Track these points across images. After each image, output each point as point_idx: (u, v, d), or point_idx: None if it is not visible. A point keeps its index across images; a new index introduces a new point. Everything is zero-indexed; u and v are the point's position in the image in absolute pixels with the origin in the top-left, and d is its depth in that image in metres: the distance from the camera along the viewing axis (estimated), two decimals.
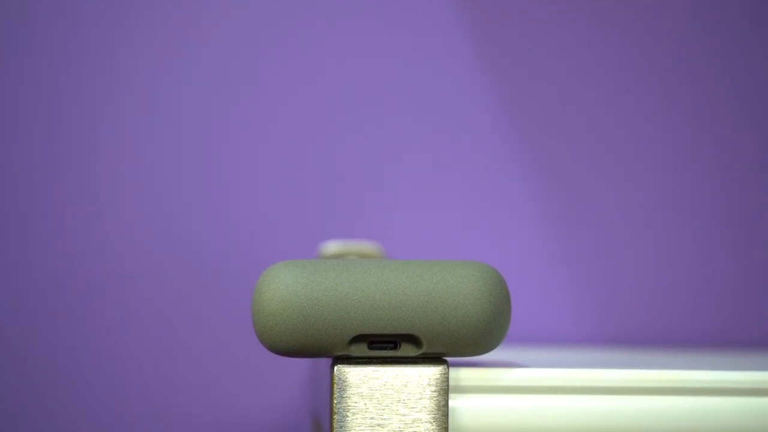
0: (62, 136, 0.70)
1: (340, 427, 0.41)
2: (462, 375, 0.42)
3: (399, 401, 0.41)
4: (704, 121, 0.72)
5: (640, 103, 0.72)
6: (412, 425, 0.41)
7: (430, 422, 0.41)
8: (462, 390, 0.42)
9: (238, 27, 0.71)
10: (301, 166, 0.71)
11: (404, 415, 0.41)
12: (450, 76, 0.72)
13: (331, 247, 0.60)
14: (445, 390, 0.41)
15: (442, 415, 0.41)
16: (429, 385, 0.41)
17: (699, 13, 0.72)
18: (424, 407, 0.41)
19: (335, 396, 0.41)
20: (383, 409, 0.41)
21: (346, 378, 0.41)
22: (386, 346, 0.42)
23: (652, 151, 0.72)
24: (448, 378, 0.41)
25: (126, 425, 0.70)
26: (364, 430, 0.41)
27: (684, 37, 0.72)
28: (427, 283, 0.41)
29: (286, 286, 0.41)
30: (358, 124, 0.71)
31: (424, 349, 0.41)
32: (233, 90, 0.71)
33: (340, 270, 0.41)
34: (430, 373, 0.41)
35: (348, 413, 0.41)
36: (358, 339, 0.41)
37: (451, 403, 0.42)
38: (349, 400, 0.41)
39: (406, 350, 0.42)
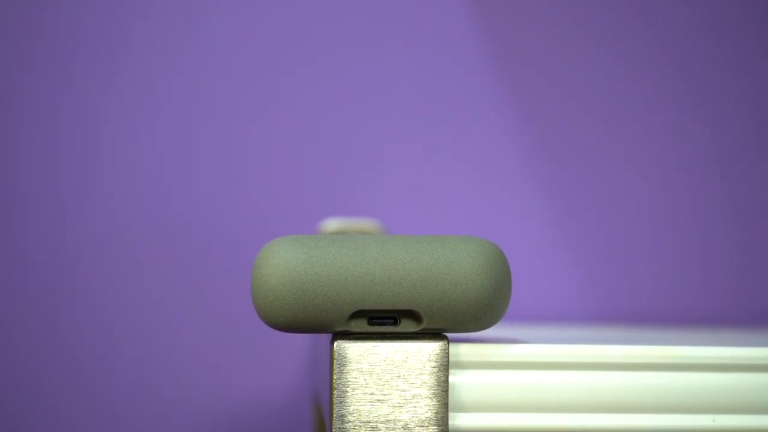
0: (64, 114, 0.70)
1: (340, 403, 0.41)
2: (462, 351, 0.42)
3: (399, 377, 0.41)
4: (706, 99, 0.72)
5: (640, 78, 0.72)
6: (412, 401, 0.41)
7: (430, 398, 0.41)
8: (462, 366, 0.42)
9: (242, 7, 0.71)
10: (302, 144, 0.71)
11: (404, 390, 0.41)
12: (449, 55, 0.72)
13: (332, 224, 0.59)
14: (445, 366, 0.41)
15: (442, 391, 0.41)
16: (429, 360, 0.41)
17: (702, 12, 0.72)
18: (424, 383, 0.41)
19: (335, 371, 0.41)
20: (383, 385, 0.41)
21: (346, 353, 0.41)
22: (386, 321, 0.41)
23: (655, 129, 0.72)
24: (448, 354, 0.41)
25: (123, 403, 0.70)
26: (363, 405, 0.41)
27: (688, 35, 0.72)
28: (428, 258, 0.41)
29: (286, 262, 0.41)
30: (359, 103, 0.71)
31: (424, 325, 0.41)
32: (235, 68, 0.71)
33: (340, 245, 0.41)
34: (430, 348, 0.41)
35: (348, 389, 0.41)
36: (357, 315, 0.41)
37: (451, 378, 0.42)
38: (348, 376, 0.41)
39: (406, 326, 0.41)
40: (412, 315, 0.41)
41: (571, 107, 0.72)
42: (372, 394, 0.41)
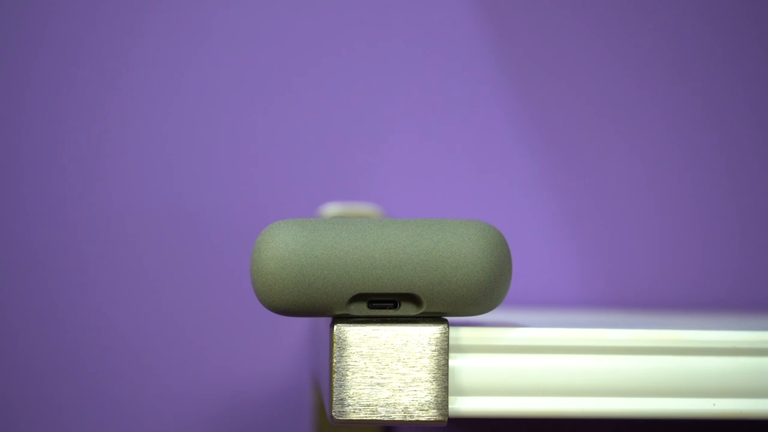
0: (63, 101, 0.70)
1: (340, 386, 0.41)
2: (462, 334, 0.42)
3: (399, 360, 0.41)
4: (706, 91, 0.72)
5: (641, 61, 0.72)
6: (412, 384, 0.41)
7: (430, 381, 0.41)
8: (462, 349, 0.42)
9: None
10: (302, 129, 0.71)
11: (404, 374, 0.41)
12: (450, 38, 0.71)
13: (332, 209, 0.59)
14: (445, 349, 0.41)
15: (442, 375, 0.41)
16: (429, 344, 0.41)
17: (705, 11, 0.72)
18: (424, 366, 0.41)
19: (335, 355, 0.41)
20: (383, 368, 0.41)
21: (346, 337, 0.41)
22: (386, 305, 0.41)
23: (656, 118, 0.72)
24: (448, 337, 0.41)
25: (122, 387, 0.70)
26: (363, 389, 0.41)
27: (689, 35, 0.72)
28: (428, 241, 0.41)
29: (286, 245, 0.40)
30: (359, 86, 0.71)
31: (424, 309, 0.41)
32: (236, 58, 0.71)
33: (340, 229, 0.41)
34: (431, 332, 0.41)
35: (348, 372, 0.41)
36: (357, 298, 0.41)
37: (451, 362, 0.42)
38: (348, 359, 0.41)
39: (406, 309, 0.41)
40: (412, 299, 0.41)
41: (572, 95, 0.72)
42: (372, 377, 0.41)
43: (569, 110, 0.72)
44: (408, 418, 0.41)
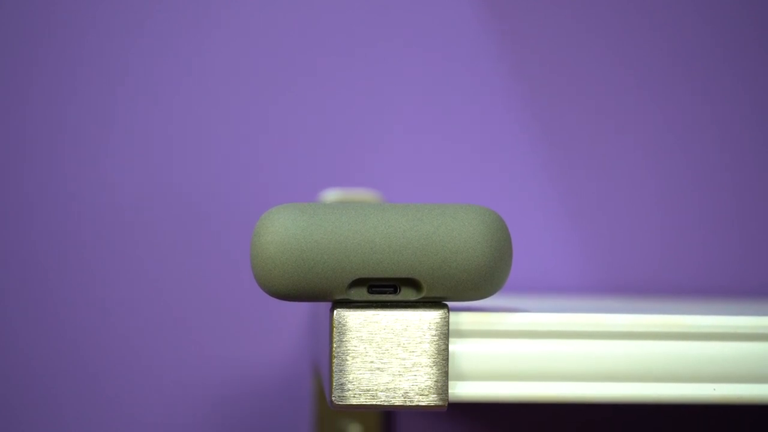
0: (63, 86, 0.70)
1: (340, 371, 0.41)
2: (462, 319, 0.42)
3: (399, 345, 0.41)
4: (709, 79, 0.72)
5: (644, 53, 0.72)
6: (412, 369, 0.41)
7: (430, 366, 0.41)
8: (462, 334, 0.42)
9: None
10: (302, 115, 0.71)
11: (404, 359, 0.41)
12: (449, 22, 0.71)
13: (332, 195, 0.59)
14: (445, 334, 0.41)
15: (443, 359, 0.41)
16: (429, 329, 0.41)
17: (707, 9, 0.72)
18: (425, 351, 0.41)
19: (334, 340, 0.41)
20: (383, 353, 0.41)
21: (346, 322, 0.41)
22: (386, 290, 0.41)
23: (658, 99, 0.72)
24: (448, 322, 0.41)
25: (121, 375, 0.70)
26: (363, 374, 0.41)
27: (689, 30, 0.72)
28: (428, 226, 0.41)
29: (285, 229, 0.40)
30: (360, 74, 0.71)
31: (424, 293, 0.41)
32: (238, 43, 0.71)
33: (340, 213, 0.41)
34: (431, 317, 0.41)
35: (348, 357, 0.41)
36: (357, 283, 0.41)
37: (451, 347, 0.42)
38: (348, 344, 0.41)
39: (407, 294, 0.41)
40: (412, 283, 0.41)
41: (574, 83, 0.72)
42: (372, 362, 0.41)
43: (571, 98, 0.72)
44: (408, 403, 0.41)
